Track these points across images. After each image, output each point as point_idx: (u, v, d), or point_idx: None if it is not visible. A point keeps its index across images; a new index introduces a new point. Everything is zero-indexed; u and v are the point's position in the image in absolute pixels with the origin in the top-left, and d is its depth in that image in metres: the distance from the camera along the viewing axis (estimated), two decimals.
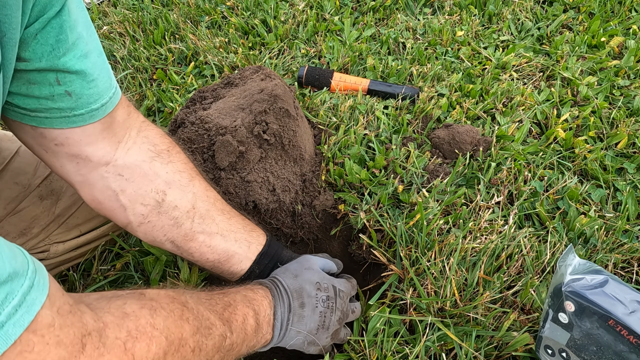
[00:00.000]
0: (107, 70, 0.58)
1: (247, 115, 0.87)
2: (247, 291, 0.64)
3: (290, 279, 0.69)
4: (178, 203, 0.67)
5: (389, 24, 1.44)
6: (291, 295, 0.67)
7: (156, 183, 0.65)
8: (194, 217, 0.68)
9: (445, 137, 1.04)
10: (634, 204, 0.93)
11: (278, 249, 0.78)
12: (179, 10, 1.50)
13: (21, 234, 0.76)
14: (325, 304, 0.69)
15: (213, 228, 0.69)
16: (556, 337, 0.66)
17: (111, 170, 0.62)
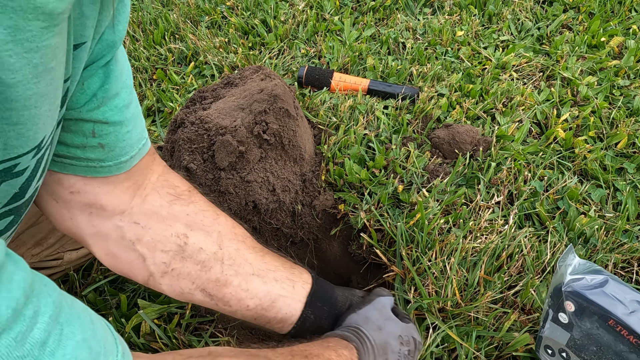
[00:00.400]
0: (141, 120, 0.54)
1: (247, 115, 0.87)
2: (331, 353, 0.56)
3: (375, 332, 0.62)
4: (203, 245, 0.60)
5: (388, 24, 1.44)
6: (377, 352, 0.60)
7: (176, 227, 0.59)
8: (222, 258, 0.60)
9: (445, 137, 1.04)
10: (634, 204, 0.93)
11: (328, 287, 0.69)
12: (178, 10, 1.50)
13: (37, 244, 0.76)
14: (407, 358, 0.63)
15: (247, 269, 0.61)
16: (556, 337, 0.66)
17: (126, 219, 0.57)
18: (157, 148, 1.07)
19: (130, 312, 0.81)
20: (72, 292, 0.86)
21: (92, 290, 0.84)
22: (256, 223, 0.93)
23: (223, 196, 0.86)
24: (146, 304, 0.80)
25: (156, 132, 1.13)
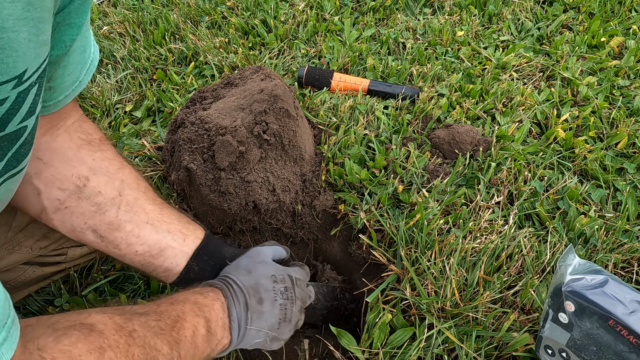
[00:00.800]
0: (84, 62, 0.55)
1: (247, 115, 0.87)
2: (196, 296, 0.58)
3: (243, 276, 0.64)
4: (102, 189, 0.61)
5: (389, 24, 1.44)
6: (247, 293, 0.62)
7: (79, 169, 0.60)
8: (120, 204, 0.62)
9: (445, 137, 1.04)
10: (634, 204, 0.93)
11: (219, 245, 0.71)
12: (179, 10, 1.50)
13: (44, 237, 0.77)
14: (285, 295, 0.64)
15: (142, 217, 0.63)
16: (556, 337, 0.66)
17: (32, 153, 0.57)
18: (157, 148, 1.07)
19: None
20: (72, 293, 0.86)
21: (92, 290, 0.84)
22: (256, 223, 0.93)
23: (223, 196, 0.86)
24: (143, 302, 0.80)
25: (156, 132, 1.13)
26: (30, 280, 0.79)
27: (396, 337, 0.76)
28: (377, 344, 0.75)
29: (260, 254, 0.69)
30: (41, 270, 0.79)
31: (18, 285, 0.79)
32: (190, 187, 0.90)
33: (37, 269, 0.79)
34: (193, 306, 0.56)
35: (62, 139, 0.60)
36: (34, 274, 0.78)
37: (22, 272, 0.77)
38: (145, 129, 1.14)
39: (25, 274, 0.77)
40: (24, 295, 0.82)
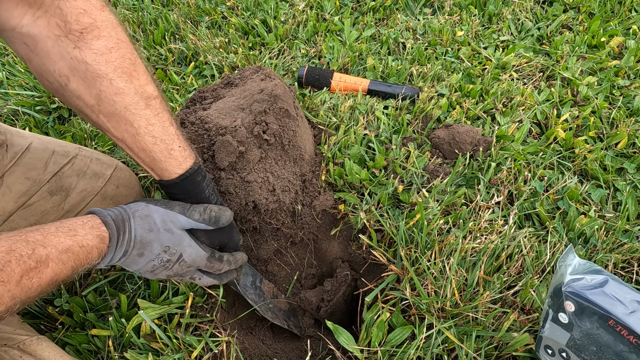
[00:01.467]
0: None
1: (247, 115, 0.87)
2: (72, 242, 0.57)
3: (144, 231, 0.64)
4: (81, 94, 0.62)
5: (389, 24, 1.44)
6: (134, 246, 0.63)
7: (59, 65, 0.60)
8: (99, 114, 0.64)
9: (445, 137, 1.04)
10: (634, 204, 0.93)
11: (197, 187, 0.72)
12: (179, 10, 1.50)
13: None
14: (162, 263, 0.66)
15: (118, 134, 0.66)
16: (556, 337, 0.66)
17: (17, 37, 0.58)
18: None
19: (130, 312, 0.81)
20: (72, 293, 0.86)
21: (92, 291, 0.84)
22: (256, 223, 0.93)
23: (223, 196, 0.86)
24: (146, 304, 0.80)
25: None
26: None
27: (395, 336, 0.76)
28: (375, 342, 0.75)
29: (172, 222, 0.68)
30: None
31: None
32: None
33: None
34: (62, 255, 0.55)
35: (41, 24, 0.58)
36: None
37: None
38: None
39: None
40: None
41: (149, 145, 0.67)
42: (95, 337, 0.79)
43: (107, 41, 0.62)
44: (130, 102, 0.64)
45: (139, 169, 1.01)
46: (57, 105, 1.20)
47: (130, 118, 0.65)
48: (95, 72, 0.61)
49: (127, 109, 0.64)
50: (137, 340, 0.77)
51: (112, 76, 0.62)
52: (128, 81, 0.64)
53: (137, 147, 0.67)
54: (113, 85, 0.63)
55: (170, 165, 0.69)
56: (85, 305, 0.82)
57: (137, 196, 0.91)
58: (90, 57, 0.61)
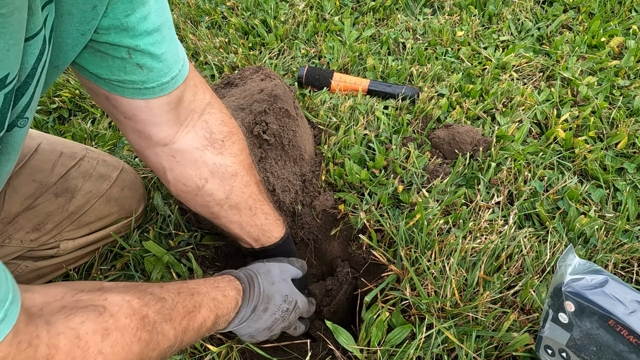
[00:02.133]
0: (175, 42, 0.58)
1: (247, 115, 0.87)
2: (217, 293, 0.65)
3: (267, 284, 0.73)
4: (215, 192, 0.72)
5: (389, 24, 1.44)
6: (261, 300, 0.71)
7: (202, 170, 0.70)
8: (223, 205, 0.74)
9: (445, 137, 1.04)
10: (634, 204, 0.93)
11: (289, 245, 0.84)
12: (179, 10, 1.50)
13: (35, 229, 0.77)
14: (283, 314, 0.74)
15: (235, 218, 0.77)
16: (556, 337, 0.66)
17: (166, 151, 0.67)
18: None
19: None
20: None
21: None
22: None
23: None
24: None
25: None
26: (25, 275, 0.79)
27: (394, 335, 0.76)
28: (375, 342, 0.75)
29: (287, 272, 0.79)
30: (34, 265, 0.79)
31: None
32: None
33: (30, 263, 0.79)
34: (210, 302, 0.63)
35: (190, 138, 0.68)
36: (28, 269, 0.78)
37: (15, 267, 0.77)
38: None
39: (19, 268, 0.77)
40: None
41: (262, 221, 0.79)
42: None
43: (240, 144, 0.74)
44: (253, 190, 0.77)
45: (144, 170, 1.01)
46: (57, 105, 1.20)
47: (251, 203, 0.77)
48: (233, 172, 0.73)
49: (251, 197, 0.77)
50: None
51: (243, 173, 0.75)
52: (252, 174, 0.77)
53: (250, 225, 0.78)
54: (243, 179, 0.75)
55: (277, 231, 0.81)
56: None
57: (140, 198, 0.91)
58: (230, 160, 0.72)
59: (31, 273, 0.80)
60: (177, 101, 0.62)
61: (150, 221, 0.96)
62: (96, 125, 1.13)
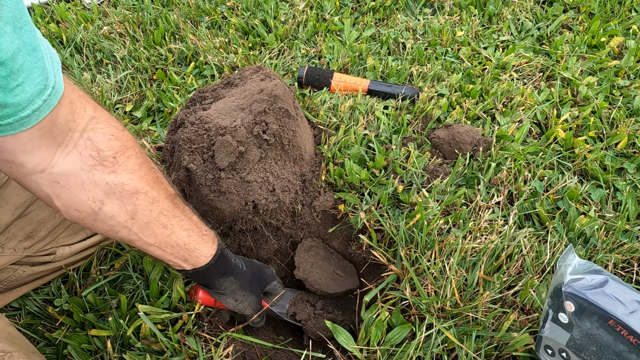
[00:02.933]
0: (39, 69, 0.50)
1: (247, 115, 0.87)
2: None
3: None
4: (115, 214, 0.64)
5: (389, 24, 1.44)
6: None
7: (94, 192, 0.62)
8: (131, 227, 0.66)
9: (445, 137, 1.04)
10: (634, 204, 0.93)
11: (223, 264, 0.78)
12: (179, 10, 1.50)
13: (28, 237, 0.77)
14: None
15: (151, 240, 0.69)
16: (556, 337, 0.66)
17: (46, 177, 0.58)
18: (157, 148, 1.07)
19: (130, 312, 0.81)
20: (71, 293, 0.86)
21: (92, 291, 0.84)
22: (256, 223, 0.93)
23: (223, 196, 0.86)
24: (146, 308, 0.80)
25: (156, 132, 1.13)
26: (23, 279, 0.79)
27: (394, 335, 0.76)
28: (374, 342, 0.75)
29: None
30: (31, 269, 0.79)
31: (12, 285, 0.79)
32: (190, 187, 0.90)
33: (27, 268, 0.79)
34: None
35: (73, 159, 0.59)
36: (25, 273, 0.78)
37: (12, 271, 0.77)
38: (145, 129, 1.14)
39: (16, 273, 0.77)
40: (20, 294, 0.82)
41: (184, 239, 0.71)
42: (95, 337, 0.79)
43: (137, 158, 0.66)
44: (164, 206, 0.69)
45: None
46: None
47: (165, 221, 0.69)
48: (133, 189, 0.65)
49: (162, 213, 0.68)
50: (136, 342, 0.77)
51: (147, 189, 0.66)
52: (159, 189, 0.68)
53: (170, 245, 0.70)
54: (148, 196, 0.66)
55: (206, 249, 0.74)
56: (85, 306, 0.82)
57: None
58: (127, 177, 0.64)
59: (28, 277, 0.80)
60: (51, 124, 0.54)
61: None
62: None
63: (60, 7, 1.52)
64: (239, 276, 0.80)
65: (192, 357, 0.77)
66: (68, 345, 0.78)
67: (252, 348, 0.87)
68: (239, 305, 0.81)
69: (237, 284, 0.80)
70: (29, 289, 0.83)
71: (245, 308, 0.82)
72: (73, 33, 1.42)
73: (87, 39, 1.39)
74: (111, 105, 1.19)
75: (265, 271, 0.88)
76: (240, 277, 0.80)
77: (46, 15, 1.53)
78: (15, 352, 0.64)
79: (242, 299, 0.81)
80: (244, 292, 0.81)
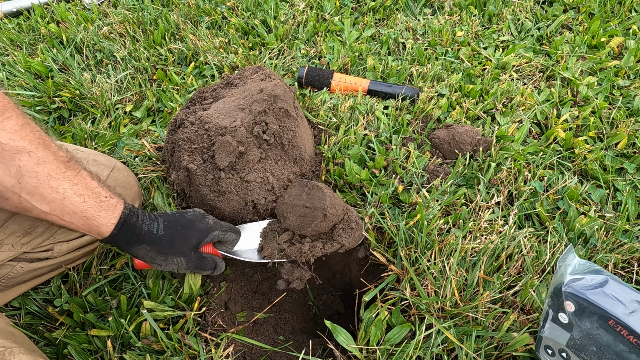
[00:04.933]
0: None
1: (246, 115, 0.87)
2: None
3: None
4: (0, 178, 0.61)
5: (389, 24, 1.44)
6: None
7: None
8: (20, 192, 0.63)
9: (445, 137, 1.04)
10: (634, 204, 0.93)
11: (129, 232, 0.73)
12: (179, 10, 1.50)
13: (26, 233, 0.77)
14: None
15: (45, 207, 0.66)
16: (556, 337, 0.66)
17: None
18: (157, 148, 1.07)
19: (130, 312, 0.81)
20: (72, 293, 0.86)
21: (92, 291, 0.84)
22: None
23: (223, 196, 0.86)
24: (151, 304, 0.80)
25: (156, 132, 1.13)
26: (21, 276, 0.79)
27: (393, 335, 0.76)
28: (374, 341, 0.75)
29: None
30: (30, 266, 0.79)
31: (11, 283, 0.79)
32: (190, 187, 0.90)
33: (25, 264, 0.79)
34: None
35: None
36: (23, 270, 0.78)
37: (10, 268, 0.77)
38: (145, 129, 1.14)
39: (14, 270, 0.77)
40: (19, 292, 0.82)
41: (78, 205, 0.67)
42: (95, 337, 0.79)
43: (18, 119, 0.63)
44: (52, 168, 0.65)
45: (144, 169, 1.01)
46: (57, 105, 1.20)
47: (55, 184, 0.65)
48: (13, 149, 0.61)
49: (51, 176, 0.65)
50: (136, 342, 0.77)
51: (31, 148, 0.63)
52: (46, 149, 0.65)
53: (67, 212, 0.67)
54: (32, 157, 0.63)
55: (106, 217, 0.70)
56: (85, 306, 0.82)
57: (135, 197, 0.91)
58: (5, 137, 0.61)
59: (27, 274, 0.80)
60: None
61: None
62: (96, 125, 1.14)
63: (60, 7, 1.52)
64: (153, 242, 0.75)
65: (192, 357, 0.77)
66: (68, 345, 0.78)
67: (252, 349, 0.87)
68: (167, 268, 0.76)
69: (154, 250, 0.75)
70: (29, 287, 0.83)
71: (176, 269, 0.77)
72: (73, 33, 1.42)
73: (87, 39, 1.39)
74: (111, 105, 1.19)
75: (196, 226, 0.80)
76: (155, 243, 0.75)
77: (46, 15, 1.53)
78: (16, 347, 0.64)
79: (165, 263, 0.76)
80: (164, 256, 0.76)
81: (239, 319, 0.91)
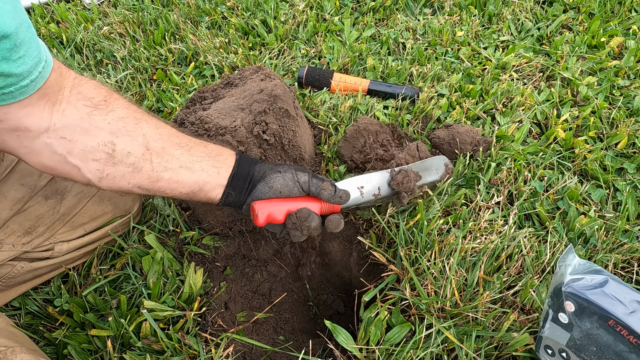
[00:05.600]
0: (35, 44, 0.56)
1: (246, 115, 0.87)
2: None
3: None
4: (130, 149, 0.66)
5: (389, 24, 1.44)
6: None
7: (101, 136, 0.64)
8: (151, 158, 0.67)
9: (445, 137, 1.04)
10: (634, 204, 0.93)
11: (250, 166, 0.76)
12: (179, 10, 1.50)
13: (27, 233, 0.77)
14: None
15: (175, 163, 0.69)
16: (556, 337, 0.66)
17: (52, 135, 0.61)
18: None
19: (130, 312, 0.81)
20: (72, 293, 0.86)
21: (92, 291, 0.84)
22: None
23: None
24: (152, 304, 0.80)
25: None
26: (22, 276, 0.79)
27: (393, 334, 0.76)
28: (373, 341, 0.75)
29: None
30: (30, 265, 0.79)
31: (11, 283, 0.79)
32: None
33: (25, 264, 0.79)
34: None
35: (70, 112, 0.62)
36: (23, 270, 0.79)
37: (11, 267, 0.77)
38: None
39: (15, 269, 0.78)
40: (19, 292, 0.82)
41: (205, 149, 0.73)
42: (95, 337, 0.79)
43: (125, 100, 0.68)
44: (170, 128, 0.71)
45: None
46: None
47: (177, 140, 0.71)
48: (135, 118, 0.67)
49: (172, 135, 0.70)
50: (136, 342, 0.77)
51: (147, 117, 0.69)
52: (156, 117, 0.71)
53: (196, 160, 0.71)
54: (151, 123, 0.69)
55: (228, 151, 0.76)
56: (85, 305, 0.82)
57: (135, 196, 0.91)
58: (124, 111, 0.67)
59: (27, 274, 0.80)
60: (44, 88, 0.59)
61: (150, 220, 0.96)
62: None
63: (60, 7, 1.52)
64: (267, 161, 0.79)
65: (192, 357, 0.77)
66: (68, 345, 0.78)
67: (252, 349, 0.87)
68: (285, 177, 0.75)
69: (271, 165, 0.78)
70: (29, 287, 0.83)
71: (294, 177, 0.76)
72: (73, 33, 1.42)
73: (87, 39, 1.39)
74: None
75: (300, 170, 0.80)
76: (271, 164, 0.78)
77: (46, 15, 1.53)
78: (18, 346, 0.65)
79: (283, 170, 0.76)
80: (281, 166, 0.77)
81: (239, 319, 0.91)
